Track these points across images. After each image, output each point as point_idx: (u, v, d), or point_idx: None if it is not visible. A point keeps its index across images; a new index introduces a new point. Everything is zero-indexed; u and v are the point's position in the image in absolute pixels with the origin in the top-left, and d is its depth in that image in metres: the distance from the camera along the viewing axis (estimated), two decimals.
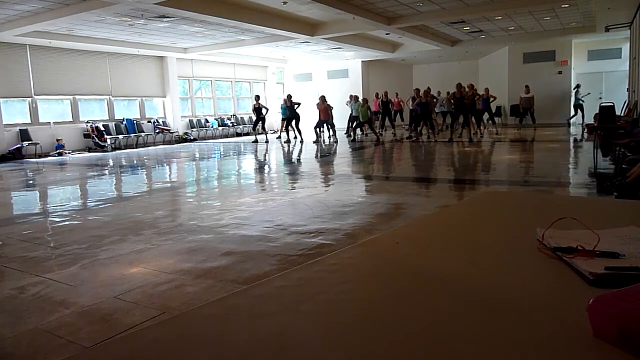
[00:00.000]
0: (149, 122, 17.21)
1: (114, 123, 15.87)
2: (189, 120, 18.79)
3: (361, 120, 15.63)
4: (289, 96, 15.49)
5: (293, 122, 15.32)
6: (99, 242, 4.26)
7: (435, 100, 16.43)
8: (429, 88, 14.83)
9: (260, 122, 15.80)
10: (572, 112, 17.26)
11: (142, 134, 16.58)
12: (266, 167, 10.69)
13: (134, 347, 0.65)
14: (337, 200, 5.87)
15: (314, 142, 14.81)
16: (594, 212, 1.21)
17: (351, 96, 16.32)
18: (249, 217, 5.08)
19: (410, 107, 15.68)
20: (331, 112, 15.85)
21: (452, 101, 13.28)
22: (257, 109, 15.57)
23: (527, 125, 17.29)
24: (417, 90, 14.33)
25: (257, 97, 15.96)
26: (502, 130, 16.26)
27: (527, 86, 16.87)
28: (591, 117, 13.44)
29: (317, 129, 15.60)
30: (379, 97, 16.89)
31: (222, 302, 0.79)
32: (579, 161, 9.27)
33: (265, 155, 12.60)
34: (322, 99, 15.53)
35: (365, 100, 16.06)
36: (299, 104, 15.35)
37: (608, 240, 0.84)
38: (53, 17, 10.82)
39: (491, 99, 15.38)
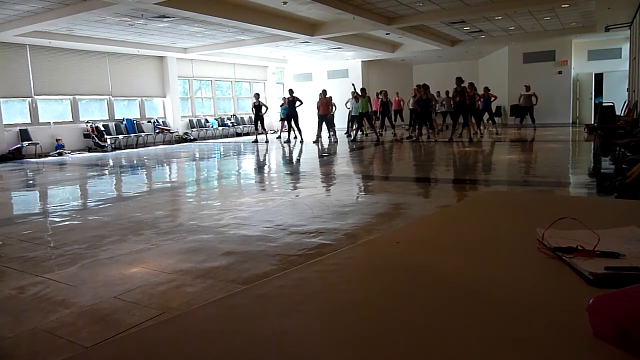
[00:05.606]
0: (149, 122, 17.21)
1: (114, 123, 15.87)
2: (189, 120, 18.78)
3: (361, 111, 15.01)
4: (290, 90, 15.25)
5: (292, 122, 15.27)
6: (99, 242, 4.25)
7: (434, 101, 16.24)
8: (426, 85, 14.39)
9: (260, 122, 15.77)
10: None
11: (142, 134, 16.58)
12: (266, 167, 10.68)
13: (134, 347, 0.65)
14: (337, 200, 5.87)
15: (313, 142, 14.79)
16: (594, 212, 1.21)
17: (353, 92, 15.97)
18: (249, 217, 5.08)
19: (411, 107, 15.61)
20: (332, 109, 15.69)
21: (453, 96, 13.08)
22: (257, 107, 15.55)
23: (527, 125, 17.28)
24: (418, 87, 14.10)
25: (257, 95, 15.92)
26: (502, 130, 16.25)
27: (527, 86, 16.54)
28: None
29: (318, 128, 15.56)
30: (379, 96, 16.62)
31: (222, 302, 0.79)
32: (578, 161, 9.27)
33: (265, 155, 12.59)
34: (324, 92, 15.36)
35: (363, 89, 15.40)
36: (300, 102, 15.17)
37: (608, 240, 0.84)
38: (53, 17, 10.82)
39: (492, 99, 15.34)
